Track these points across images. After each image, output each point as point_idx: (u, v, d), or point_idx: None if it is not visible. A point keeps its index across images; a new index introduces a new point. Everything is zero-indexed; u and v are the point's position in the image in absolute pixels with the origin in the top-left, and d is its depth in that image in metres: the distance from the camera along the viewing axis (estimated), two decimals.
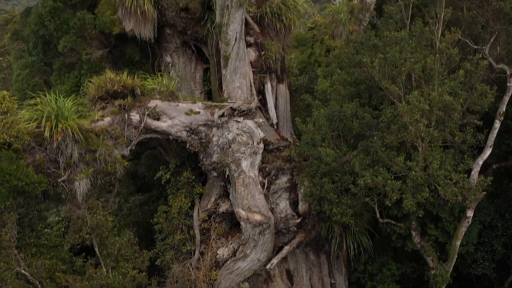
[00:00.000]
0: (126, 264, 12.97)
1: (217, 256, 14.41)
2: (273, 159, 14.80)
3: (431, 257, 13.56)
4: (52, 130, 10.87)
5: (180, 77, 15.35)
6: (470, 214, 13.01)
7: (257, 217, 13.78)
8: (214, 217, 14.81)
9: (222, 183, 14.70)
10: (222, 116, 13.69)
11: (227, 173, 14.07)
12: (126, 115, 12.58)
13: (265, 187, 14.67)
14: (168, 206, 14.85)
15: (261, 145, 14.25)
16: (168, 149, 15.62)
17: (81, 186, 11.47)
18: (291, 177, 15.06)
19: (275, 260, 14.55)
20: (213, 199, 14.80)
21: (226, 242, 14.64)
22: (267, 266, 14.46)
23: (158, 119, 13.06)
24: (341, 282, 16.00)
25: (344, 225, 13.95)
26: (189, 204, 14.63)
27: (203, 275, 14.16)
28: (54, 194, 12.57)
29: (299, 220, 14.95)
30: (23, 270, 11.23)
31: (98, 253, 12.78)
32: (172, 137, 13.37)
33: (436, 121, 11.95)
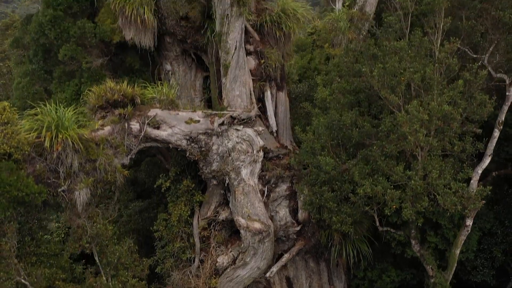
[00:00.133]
0: (126, 272, 12.98)
1: (217, 264, 14.43)
2: (273, 167, 14.82)
3: (430, 266, 13.59)
4: (52, 140, 10.88)
5: (180, 85, 15.39)
6: (469, 222, 13.05)
7: (257, 225, 13.81)
8: (214, 225, 14.83)
9: (222, 191, 14.71)
10: (222, 124, 13.72)
11: (227, 182, 14.09)
12: (126, 124, 12.60)
13: (265, 195, 14.69)
14: (168, 214, 14.87)
15: (260, 153, 14.27)
16: (168, 156, 15.64)
17: (81, 195, 11.49)
18: (290, 185, 15.09)
19: (274, 268, 14.58)
20: (213, 207, 14.82)
21: (226, 250, 14.66)
22: (267, 274, 14.48)
23: (158, 128, 13.07)
24: None
25: (343, 233, 13.97)
26: (189, 212, 14.64)
27: (202, 283, 14.17)
28: (54, 202, 12.61)
29: (298, 227, 14.98)
30: (23, 280, 11.25)
31: (98, 261, 12.79)
32: (172, 145, 13.40)
33: (435, 131, 11.99)
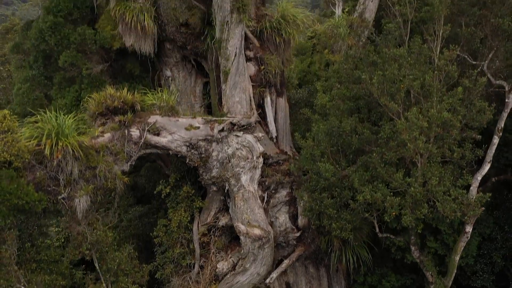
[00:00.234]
0: (126, 278, 13.01)
1: (217, 270, 14.43)
2: (273, 173, 14.85)
3: (430, 272, 13.60)
4: (52, 148, 10.88)
5: (180, 91, 15.42)
6: (469, 229, 13.05)
7: (257, 231, 13.82)
8: (213, 231, 14.84)
9: (221, 197, 14.73)
10: (222, 131, 13.73)
11: (226, 188, 14.10)
12: (126, 131, 12.61)
13: (265, 201, 14.71)
14: (168, 220, 14.89)
15: (260, 159, 14.29)
16: (168, 162, 15.66)
17: (81, 203, 11.49)
18: (290, 191, 15.11)
19: (274, 274, 14.59)
20: (212, 213, 14.84)
21: (225, 256, 14.67)
22: (267, 280, 14.49)
23: (158, 135, 13.08)
24: None
25: (343, 239, 13.98)
26: (189, 218, 14.66)
27: None
28: (54, 209, 12.62)
29: (298, 233, 14.99)
30: (23, 287, 11.26)
31: (98, 268, 12.81)
32: (172, 152, 13.41)
33: (434, 138, 12.00)
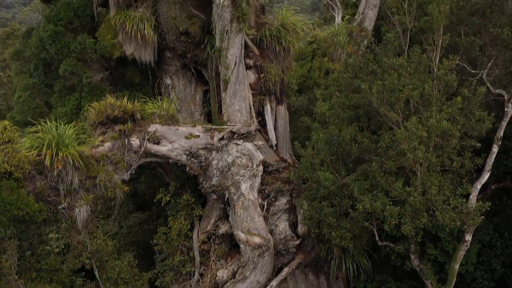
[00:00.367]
0: (126, 287, 13.05)
1: (217, 277, 14.44)
2: (273, 181, 14.87)
3: (430, 280, 13.58)
4: (52, 158, 10.91)
5: (180, 99, 15.46)
6: (468, 238, 13.03)
7: (257, 239, 13.84)
8: (213, 239, 14.86)
9: (221, 205, 14.74)
10: (222, 139, 13.76)
11: (226, 196, 14.12)
12: (126, 140, 12.64)
13: (265, 209, 14.73)
14: (168, 228, 14.91)
15: (260, 167, 14.31)
16: (168, 169, 15.67)
17: (81, 212, 11.52)
18: (290, 199, 15.13)
19: (274, 282, 14.58)
20: (212, 221, 14.86)
21: (225, 263, 14.68)
22: None
23: (158, 143, 13.11)
24: None
25: (343, 247, 14.00)
26: (189, 226, 14.69)
27: None
28: (54, 219, 12.65)
29: (298, 241, 15.00)
30: None
31: (98, 277, 12.85)
32: (172, 160, 13.44)
33: (434, 147, 12.03)
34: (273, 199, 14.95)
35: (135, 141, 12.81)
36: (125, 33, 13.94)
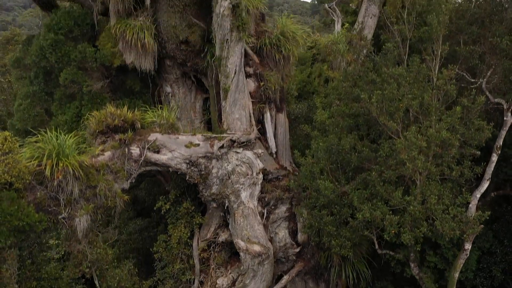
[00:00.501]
0: None
1: (217, 285, 14.45)
2: (272, 189, 14.90)
3: None
4: (53, 168, 10.90)
5: (180, 107, 15.49)
6: (468, 246, 13.06)
7: (256, 248, 13.85)
8: (213, 247, 14.87)
9: (221, 213, 14.76)
10: (222, 147, 13.78)
11: (226, 204, 14.14)
12: (126, 149, 12.65)
13: (264, 216, 14.76)
14: (168, 236, 14.93)
15: (260, 175, 14.33)
16: (168, 177, 15.69)
17: (82, 222, 11.52)
18: (290, 206, 15.16)
19: None
20: (212, 229, 14.87)
21: (225, 271, 14.70)
22: None
23: (158, 152, 13.13)
24: None
25: (343, 255, 14.02)
26: (189, 234, 14.71)
27: None
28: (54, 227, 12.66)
29: (298, 249, 15.03)
30: None
31: (98, 286, 12.87)
32: (172, 169, 13.45)
33: (433, 156, 12.05)
34: (273, 207, 14.97)
35: (135, 150, 12.83)
36: (125, 42, 13.97)
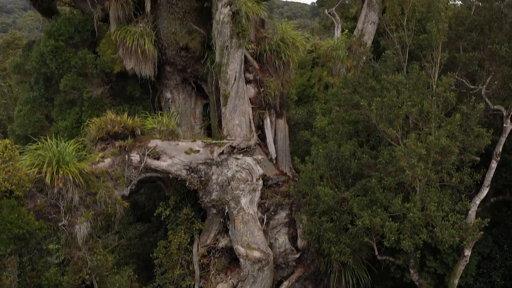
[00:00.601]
0: None
1: None
2: (272, 195, 14.92)
3: None
4: (53, 175, 10.92)
5: (180, 113, 15.51)
6: (467, 253, 13.08)
7: (256, 254, 13.85)
8: (213, 253, 14.87)
9: (221, 219, 14.77)
10: (222, 154, 13.79)
11: (226, 210, 14.15)
12: (126, 156, 12.67)
13: (264, 222, 14.77)
14: (168, 242, 14.93)
15: (260, 181, 14.34)
16: (168, 183, 15.70)
17: (82, 229, 11.53)
18: (290, 212, 15.17)
19: None
20: (212, 235, 14.88)
21: (225, 277, 14.70)
22: None
23: (158, 159, 13.14)
24: None
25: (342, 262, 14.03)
26: (189, 240, 14.71)
27: None
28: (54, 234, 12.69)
29: (298, 255, 15.04)
30: None
31: None
32: (172, 175, 13.46)
33: (433, 163, 12.06)
34: (272, 213, 14.98)
35: (135, 157, 12.85)
36: (125, 48, 14.00)
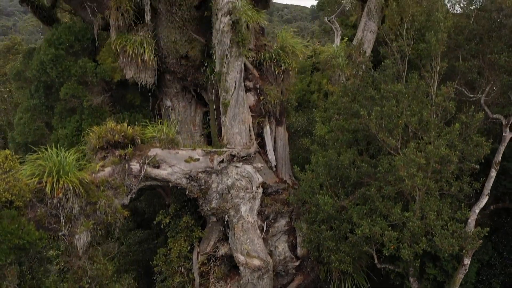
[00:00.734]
0: None
1: None
2: (272, 202, 14.94)
3: None
4: (53, 186, 10.91)
5: (180, 121, 15.54)
6: (467, 261, 13.09)
7: (256, 262, 13.88)
8: (213, 260, 14.87)
9: (221, 227, 14.78)
10: (222, 162, 13.81)
11: (226, 219, 14.16)
12: (126, 165, 12.67)
13: (264, 230, 14.79)
14: (168, 249, 14.94)
15: (260, 189, 14.37)
16: (168, 190, 15.72)
17: (82, 239, 11.54)
18: (289, 220, 15.19)
19: None
20: (212, 243, 14.88)
21: (225, 285, 14.70)
22: None
23: (158, 167, 13.15)
24: None
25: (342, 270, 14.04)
26: (189, 248, 14.72)
27: None
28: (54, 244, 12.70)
29: (297, 262, 15.06)
30: None
31: None
32: (171, 184, 13.47)
33: (432, 172, 12.09)
34: (272, 221, 15.00)
35: (135, 166, 12.86)
36: (125, 57, 14.03)
